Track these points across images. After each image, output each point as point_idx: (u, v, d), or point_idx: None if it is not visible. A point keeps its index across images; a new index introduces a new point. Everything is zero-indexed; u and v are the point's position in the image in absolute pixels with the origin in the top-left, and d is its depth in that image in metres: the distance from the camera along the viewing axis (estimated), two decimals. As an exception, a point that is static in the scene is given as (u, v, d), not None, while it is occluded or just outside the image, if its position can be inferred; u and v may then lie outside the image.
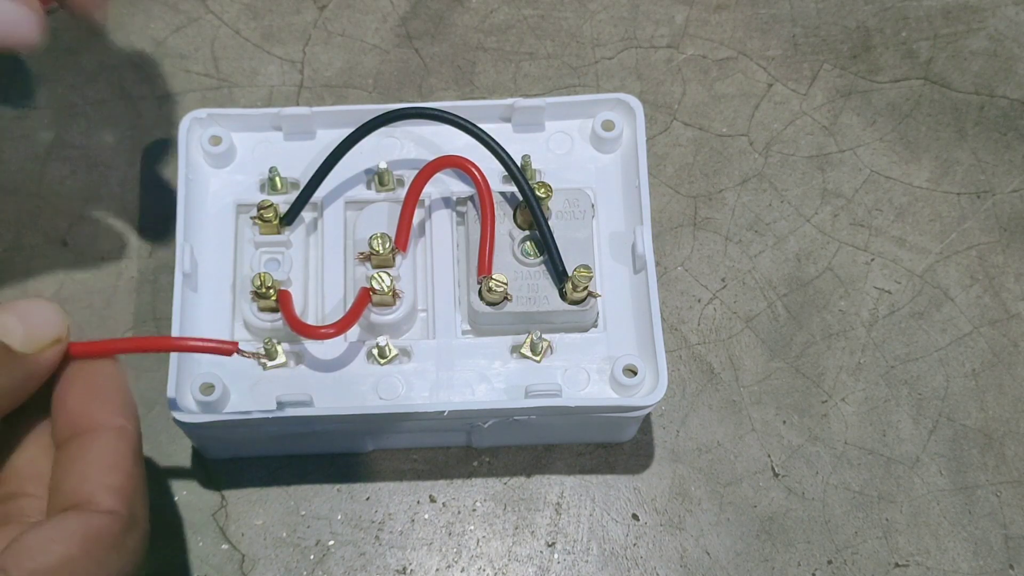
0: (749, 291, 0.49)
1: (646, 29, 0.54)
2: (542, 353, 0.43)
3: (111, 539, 0.32)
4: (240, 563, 0.44)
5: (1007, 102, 0.53)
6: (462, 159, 0.43)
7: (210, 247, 0.45)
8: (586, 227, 0.44)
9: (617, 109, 0.46)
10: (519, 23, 0.54)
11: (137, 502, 0.33)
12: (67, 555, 0.31)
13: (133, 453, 0.34)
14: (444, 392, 0.42)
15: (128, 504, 0.33)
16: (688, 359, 0.48)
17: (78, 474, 0.33)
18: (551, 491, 0.46)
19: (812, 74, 0.53)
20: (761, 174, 0.51)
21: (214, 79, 0.53)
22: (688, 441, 0.46)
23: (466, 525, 0.45)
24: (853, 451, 0.46)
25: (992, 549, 0.45)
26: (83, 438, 0.33)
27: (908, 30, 0.54)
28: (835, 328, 0.48)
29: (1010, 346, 0.48)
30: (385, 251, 0.43)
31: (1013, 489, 0.46)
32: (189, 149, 0.45)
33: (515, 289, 0.43)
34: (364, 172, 0.46)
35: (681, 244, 0.50)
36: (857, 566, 0.45)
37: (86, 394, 0.34)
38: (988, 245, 0.50)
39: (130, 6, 0.54)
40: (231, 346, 0.37)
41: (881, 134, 0.52)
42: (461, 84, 0.53)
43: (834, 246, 0.50)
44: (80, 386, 0.35)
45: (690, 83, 0.53)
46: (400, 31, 0.54)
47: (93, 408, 0.34)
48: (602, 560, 0.45)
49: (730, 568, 0.44)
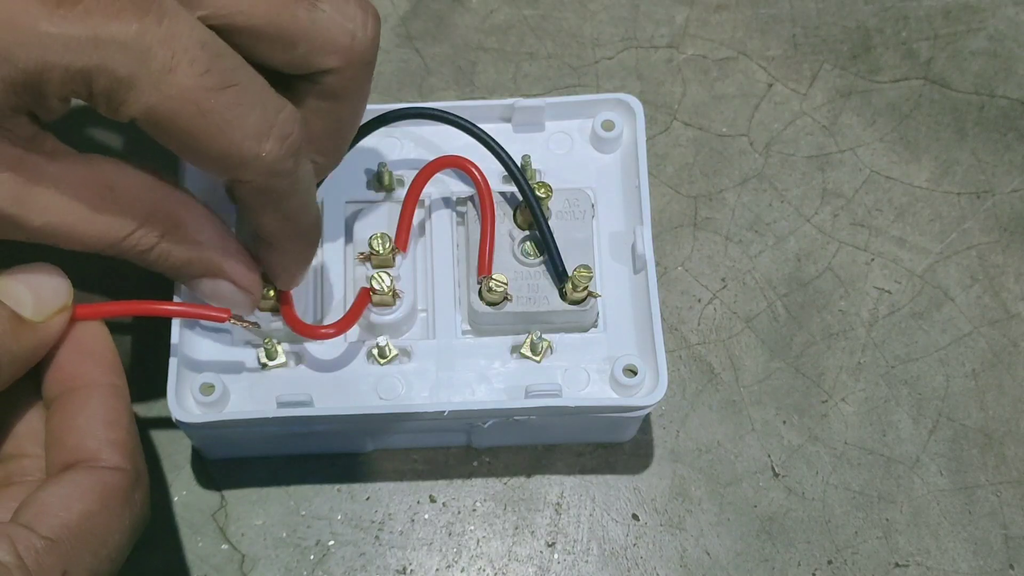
0: (749, 291, 0.49)
1: (646, 29, 0.54)
2: (542, 353, 0.43)
3: (123, 494, 0.33)
4: (240, 563, 0.44)
5: (1007, 102, 0.53)
6: (462, 159, 0.43)
7: (210, 247, 0.44)
8: (586, 227, 0.44)
9: (617, 109, 0.46)
10: (519, 23, 0.54)
11: (138, 457, 0.34)
12: (87, 511, 0.32)
13: (128, 410, 0.35)
14: (444, 392, 0.42)
15: (132, 459, 0.34)
16: (688, 359, 0.48)
17: (79, 431, 0.34)
18: (551, 491, 0.46)
19: (812, 74, 0.53)
20: (761, 174, 0.51)
21: (214, 79, 0.52)
22: (688, 441, 0.46)
23: (466, 525, 0.45)
24: (853, 451, 0.46)
25: (992, 549, 0.45)
26: (77, 395, 0.34)
27: (908, 30, 0.54)
28: (835, 328, 0.48)
29: (1010, 346, 0.48)
30: (385, 251, 0.43)
31: (1013, 489, 0.46)
32: (189, 149, 0.45)
33: (515, 289, 0.43)
34: (364, 172, 0.46)
35: (681, 244, 0.50)
36: (857, 566, 0.45)
37: (78, 352, 0.35)
38: (988, 245, 0.50)
39: (130, 6, 0.54)
40: (224, 313, 0.39)
41: (881, 134, 0.52)
42: (461, 84, 0.53)
43: (834, 246, 0.50)
44: (71, 344, 0.35)
45: (690, 83, 0.53)
46: (400, 31, 0.54)
47: (86, 366, 0.35)
48: (602, 560, 0.45)
49: (730, 568, 0.44)
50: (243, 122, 0.32)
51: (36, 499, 0.32)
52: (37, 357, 0.34)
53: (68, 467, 0.33)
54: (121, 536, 0.33)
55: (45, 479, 0.34)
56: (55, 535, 0.31)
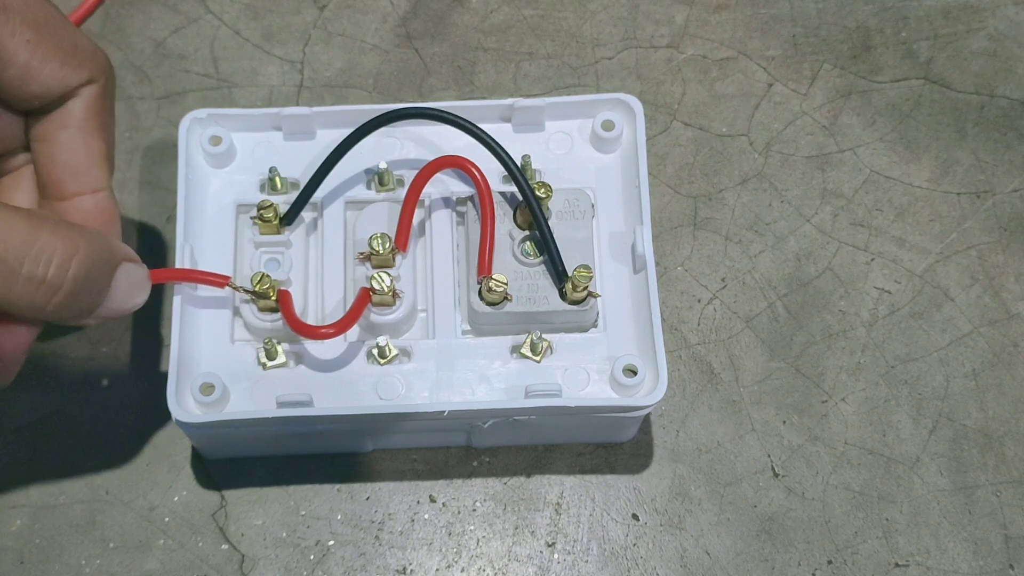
0: (749, 291, 0.49)
1: (646, 29, 0.54)
2: (542, 353, 0.43)
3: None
4: (240, 563, 0.44)
5: (1007, 102, 0.53)
6: (462, 159, 0.43)
7: (210, 247, 0.44)
8: (586, 227, 0.44)
9: (617, 109, 0.46)
10: (519, 23, 0.54)
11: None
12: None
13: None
14: (444, 392, 0.42)
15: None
16: (688, 359, 0.48)
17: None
18: (551, 491, 0.46)
19: (812, 74, 0.53)
20: (761, 174, 0.51)
21: (214, 79, 0.53)
22: (688, 441, 0.46)
23: (466, 525, 0.45)
24: (853, 451, 0.46)
25: (992, 549, 0.45)
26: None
27: (908, 30, 0.54)
28: (835, 328, 0.48)
29: (1010, 346, 0.48)
30: (385, 251, 0.43)
31: (1013, 489, 0.46)
32: (189, 149, 0.45)
33: (515, 289, 0.43)
34: (364, 172, 0.46)
35: (681, 244, 0.50)
36: (857, 566, 0.45)
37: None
38: (988, 245, 0.50)
39: (130, 6, 0.54)
40: (223, 279, 0.42)
41: (881, 134, 0.52)
42: (461, 84, 0.53)
43: (834, 246, 0.50)
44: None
45: (690, 83, 0.53)
46: (400, 31, 0.54)
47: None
48: (602, 560, 0.45)
49: (730, 568, 0.44)
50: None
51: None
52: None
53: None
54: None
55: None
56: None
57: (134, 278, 0.38)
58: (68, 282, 0.35)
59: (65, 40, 0.37)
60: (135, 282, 0.38)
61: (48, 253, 0.34)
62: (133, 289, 0.38)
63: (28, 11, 0.37)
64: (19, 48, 0.36)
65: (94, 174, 0.39)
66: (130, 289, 0.38)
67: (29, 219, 0.34)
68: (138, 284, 0.38)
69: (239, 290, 0.42)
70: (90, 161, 0.39)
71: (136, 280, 0.38)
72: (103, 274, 0.37)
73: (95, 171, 0.39)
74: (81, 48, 0.38)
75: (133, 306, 0.38)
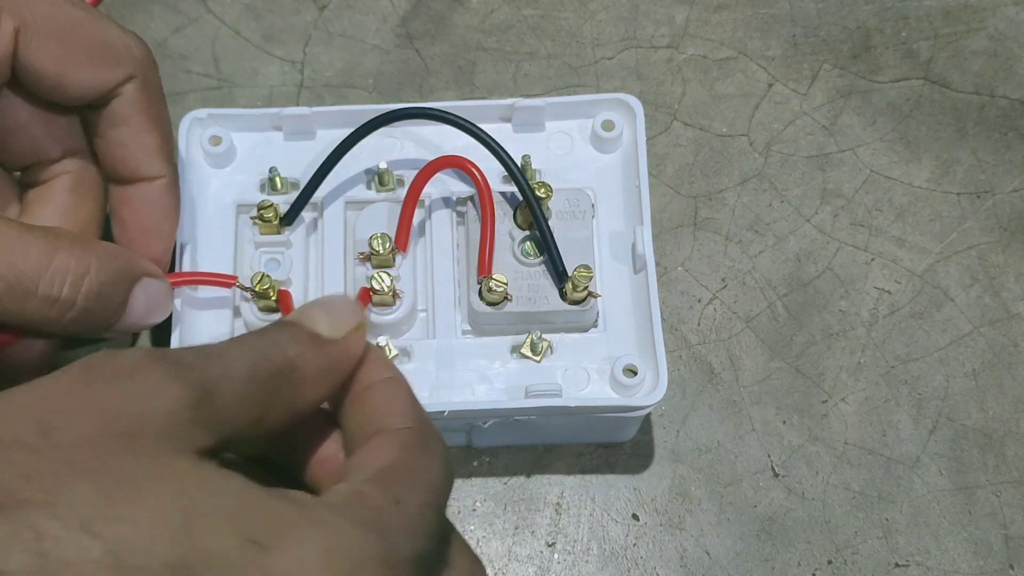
0: (749, 291, 0.49)
1: (646, 29, 0.54)
2: (542, 353, 0.43)
3: (419, 443, 0.32)
4: (240, 563, 0.44)
5: (1007, 102, 0.53)
6: (462, 159, 0.43)
7: (210, 247, 0.44)
8: (586, 227, 0.44)
9: (617, 109, 0.46)
10: (519, 23, 0.54)
11: (425, 418, 0.34)
12: (389, 460, 0.31)
13: (410, 391, 0.34)
14: (444, 392, 0.42)
15: (418, 420, 0.33)
16: (688, 359, 0.48)
17: (374, 413, 0.34)
18: (551, 491, 0.46)
19: (812, 74, 0.53)
20: (761, 174, 0.51)
21: (214, 79, 0.53)
22: (688, 441, 0.46)
23: (466, 525, 0.45)
24: (853, 451, 0.46)
25: (992, 549, 0.45)
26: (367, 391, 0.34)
27: (908, 30, 0.54)
28: (835, 328, 0.48)
29: (1010, 346, 0.48)
30: (385, 251, 0.43)
31: (1013, 489, 0.46)
32: (189, 149, 0.45)
33: (515, 289, 0.43)
34: (364, 172, 0.46)
35: (681, 244, 0.50)
36: (857, 566, 0.45)
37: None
38: (988, 245, 0.50)
39: (130, 6, 0.54)
40: (231, 279, 0.42)
41: (881, 134, 0.52)
42: (461, 84, 0.53)
43: (834, 246, 0.50)
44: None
45: (690, 83, 0.53)
46: (400, 31, 0.54)
47: (367, 368, 0.35)
48: (602, 560, 0.45)
49: (730, 568, 0.44)
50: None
51: (349, 458, 0.32)
52: (343, 373, 0.34)
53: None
54: (429, 475, 0.32)
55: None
56: (371, 477, 0.31)
57: (154, 293, 0.39)
58: (81, 299, 0.35)
59: (95, 42, 0.37)
60: (155, 297, 0.39)
61: (63, 273, 0.35)
62: (153, 304, 0.39)
63: (52, 22, 0.37)
64: (47, 62, 0.37)
65: (150, 166, 0.40)
66: (149, 304, 0.39)
67: (45, 238, 0.35)
68: (159, 299, 0.39)
69: (246, 290, 0.42)
70: (144, 155, 0.39)
71: (156, 295, 0.39)
72: (119, 290, 0.37)
73: (150, 163, 0.40)
74: (113, 47, 0.38)
75: (154, 320, 0.39)
